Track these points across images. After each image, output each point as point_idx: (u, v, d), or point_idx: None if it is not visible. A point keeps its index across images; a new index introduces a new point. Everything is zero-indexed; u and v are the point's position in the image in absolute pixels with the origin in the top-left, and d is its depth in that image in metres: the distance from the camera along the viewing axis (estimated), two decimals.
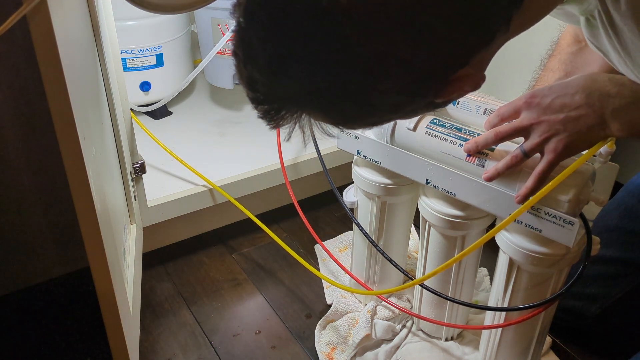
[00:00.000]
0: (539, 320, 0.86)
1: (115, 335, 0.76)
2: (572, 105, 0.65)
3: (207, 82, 1.45)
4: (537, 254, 0.78)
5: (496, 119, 0.74)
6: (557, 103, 0.66)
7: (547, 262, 0.78)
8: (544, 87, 0.69)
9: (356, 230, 1.03)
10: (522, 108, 0.70)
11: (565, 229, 0.73)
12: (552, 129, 0.67)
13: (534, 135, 0.69)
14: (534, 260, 0.78)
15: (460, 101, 0.88)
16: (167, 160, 1.21)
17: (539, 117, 0.68)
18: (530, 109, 0.69)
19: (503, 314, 0.87)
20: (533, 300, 0.82)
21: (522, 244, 0.79)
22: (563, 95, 0.66)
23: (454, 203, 0.85)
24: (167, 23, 1.33)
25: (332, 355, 1.00)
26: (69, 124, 0.59)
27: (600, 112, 0.64)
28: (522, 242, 0.79)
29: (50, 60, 0.56)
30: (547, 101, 0.67)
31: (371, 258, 1.02)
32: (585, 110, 0.65)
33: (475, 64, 0.49)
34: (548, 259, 0.77)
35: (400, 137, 0.87)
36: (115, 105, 0.94)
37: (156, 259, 1.21)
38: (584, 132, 0.65)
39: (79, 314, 1.08)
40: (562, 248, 0.76)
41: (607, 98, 0.64)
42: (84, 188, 0.63)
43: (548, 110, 0.67)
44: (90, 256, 0.68)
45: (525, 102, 0.69)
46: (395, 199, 0.95)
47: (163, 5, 0.84)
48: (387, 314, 1.02)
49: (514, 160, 0.71)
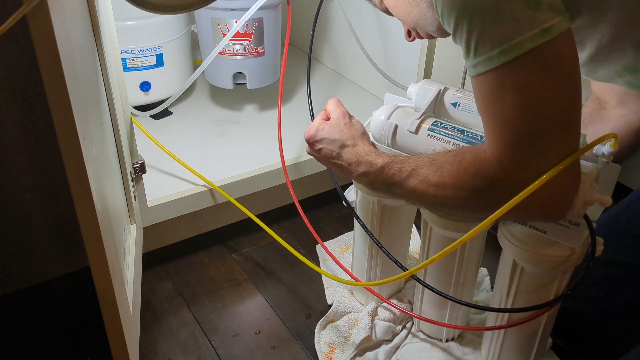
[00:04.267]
0: (542, 321, 0.86)
1: (115, 335, 0.76)
2: (332, 159, 0.87)
3: (207, 82, 1.45)
4: (541, 255, 0.77)
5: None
6: (324, 153, 0.87)
7: (552, 263, 0.77)
8: (323, 135, 0.87)
9: (357, 230, 1.03)
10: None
11: (570, 230, 0.73)
12: (321, 161, 0.90)
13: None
14: (539, 261, 0.78)
15: (461, 103, 0.88)
16: (167, 160, 1.21)
17: (311, 153, 0.90)
18: (311, 147, 0.90)
19: (506, 316, 0.87)
20: (536, 301, 0.81)
21: (526, 245, 0.78)
22: (328, 150, 0.87)
23: None
24: (167, 23, 1.33)
25: (332, 355, 1.00)
26: (69, 124, 0.59)
27: (349, 171, 0.85)
28: (526, 244, 0.78)
29: (50, 60, 0.56)
30: (318, 147, 0.88)
31: (372, 258, 1.02)
32: (340, 166, 0.86)
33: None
34: (553, 260, 0.77)
35: (402, 140, 0.87)
36: (115, 105, 0.94)
37: (156, 259, 1.21)
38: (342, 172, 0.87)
39: (79, 314, 1.08)
40: (566, 249, 0.76)
41: (353, 165, 0.83)
42: (84, 188, 0.63)
43: (319, 153, 0.89)
44: (90, 256, 0.68)
45: (308, 138, 0.89)
46: (395, 201, 0.95)
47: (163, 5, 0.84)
48: (387, 316, 1.02)
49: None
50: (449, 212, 0.81)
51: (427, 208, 0.83)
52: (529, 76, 0.60)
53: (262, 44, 1.32)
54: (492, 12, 0.59)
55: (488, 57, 0.61)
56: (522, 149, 0.63)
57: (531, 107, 0.61)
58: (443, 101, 0.90)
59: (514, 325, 0.84)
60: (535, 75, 0.60)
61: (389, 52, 1.46)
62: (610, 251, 0.78)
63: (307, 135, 0.89)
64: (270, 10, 1.30)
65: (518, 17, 0.58)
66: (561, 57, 0.60)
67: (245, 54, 1.32)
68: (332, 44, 1.67)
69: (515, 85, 0.61)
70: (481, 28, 0.60)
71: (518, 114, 0.62)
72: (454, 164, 0.70)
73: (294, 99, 1.52)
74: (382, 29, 1.46)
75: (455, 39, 0.65)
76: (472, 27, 0.61)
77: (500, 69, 0.60)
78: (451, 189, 0.70)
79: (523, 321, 0.82)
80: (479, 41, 0.61)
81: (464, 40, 0.63)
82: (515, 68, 0.60)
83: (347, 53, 1.34)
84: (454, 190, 0.70)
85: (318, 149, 0.88)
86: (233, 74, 1.35)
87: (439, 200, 0.73)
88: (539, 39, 0.58)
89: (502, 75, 0.61)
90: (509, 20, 0.59)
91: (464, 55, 0.64)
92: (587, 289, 0.97)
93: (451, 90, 0.91)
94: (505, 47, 0.59)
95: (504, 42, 0.59)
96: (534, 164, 0.63)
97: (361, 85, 1.60)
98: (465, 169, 0.68)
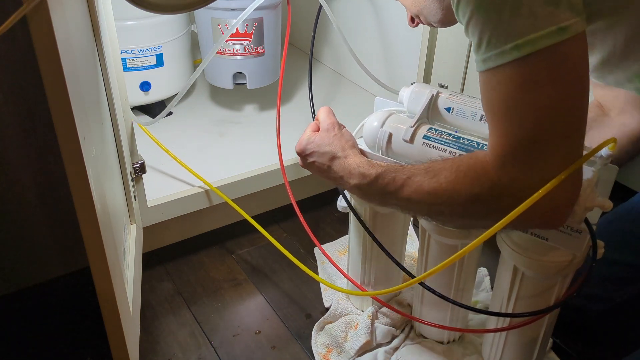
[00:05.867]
0: (543, 323, 0.85)
1: (115, 335, 0.76)
2: (324, 171, 0.88)
3: (207, 82, 1.45)
4: (542, 261, 0.77)
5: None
6: (316, 166, 0.88)
7: (554, 269, 0.77)
8: (314, 148, 0.87)
9: (351, 232, 1.02)
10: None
11: (572, 237, 0.73)
12: (314, 173, 0.91)
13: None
14: (540, 267, 0.77)
15: (456, 107, 0.87)
16: (168, 160, 1.21)
17: (304, 166, 0.91)
18: (303, 160, 0.90)
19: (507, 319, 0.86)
20: (537, 305, 0.81)
21: (527, 252, 0.78)
22: (320, 164, 0.87)
23: None
24: (167, 23, 1.33)
25: (329, 357, 0.99)
26: (69, 124, 0.59)
27: (340, 183, 0.86)
28: (527, 250, 0.78)
29: (50, 60, 0.56)
30: (310, 160, 0.88)
31: (366, 260, 1.02)
32: (333, 178, 0.87)
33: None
34: (554, 265, 0.77)
35: (397, 148, 0.86)
36: (115, 105, 0.94)
37: (156, 259, 1.21)
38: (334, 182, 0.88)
39: (79, 314, 1.08)
40: (568, 254, 0.76)
41: (345, 179, 0.84)
42: (84, 188, 0.63)
43: (310, 167, 0.90)
44: (90, 256, 0.68)
45: (299, 151, 0.90)
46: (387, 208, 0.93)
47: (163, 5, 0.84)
48: (387, 320, 1.02)
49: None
50: (445, 221, 0.81)
51: (423, 217, 0.82)
52: (540, 75, 0.59)
53: (262, 44, 1.33)
54: (510, 6, 0.57)
55: (500, 52, 0.59)
56: (527, 151, 0.62)
57: (539, 108, 0.60)
58: (437, 106, 0.89)
59: (516, 328, 0.84)
60: (545, 75, 0.58)
61: (388, 53, 1.46)
62: (612, 250, 0.78)
63: (297, 148, 0.88)
64: (270, 10, 1.30)
65: (536, 13, 0.57)
66: (574, 58, 0.59)
67: (245, 54, 1.32)
68: (332, 44, 1.67)
69: (525, 82, 0.59)
70: (497, 21, 0.59)
71: (525, 113, 0.60)
72: (451, 170, 0.69)
73: (294, 99, 1.52)
74: (381, 30, 1.46)
75: (468, 30, 0.63)
76: (488, 19, 0.59)
77: (511, 65, 0.59)
78: (449, 195, 0.68)
79: (525, 323, 0.82)
80: (492, 34, 0.59)
81: (477, 32, 0.61)
82: (527, 65, 0.58)
83: (347, 53, 1.35)
84: (452, 197, 0.68)
85: (310, 162, 0.88)
86: (233, 74, 1.35)
87: (435, 208, 0.72)
88: (555, 38, 0.57)
89: (513, 71, 0.59)
90: (526, 16, 0.57)
91: (474, 49, 0.63)
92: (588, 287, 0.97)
93: (444, 95, 0.89)
94: (519, 42, 0.57)
95: (519, 37, 0.57)
96: (538, 168, 0.62)
97: (361, 85, 1.60)
98: (465, 175, 0.67)
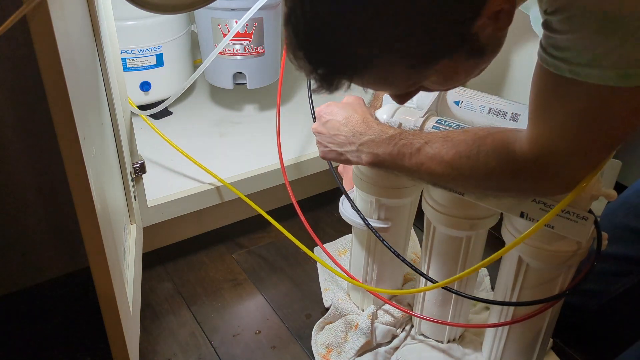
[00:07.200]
0: (545, 319, 0.86)
1: (115, 335, 0.76)
2: (338, 130, 0.85)
3: (207, 82, 1.45)
4: (548, 251, 0.77)
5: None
6: (331, 124, 0.86)
7: (559, 258, 0.77)
8: (334, 108, 0.87)
9: (354, 231, 1.02)
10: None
11: (578, 225, 0.73)
12: (324, 141, 0.87)
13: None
14: (545, 257, 0.78)
15: (464, 101, 0.88)
16: (168, 159, 1.21)
17: (317, 128, 0.88)
18: (319, 120, 0.88)
19: (510, 313, 0.87)
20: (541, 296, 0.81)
21: (533, 242, 0.78)
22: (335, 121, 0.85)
23: (459, 203, 0.84)
24: (167, 23, 1.33)
25: (328, 357, 0.99)
26: (69, 124, 0.59)
27: (352, 141, 0.82)
28: (532, 239, 0.78)
29: (50, 60, 0.56)
30: (327, 118, 0.86)
31: (368, 259, 1.02)
32: (345, 136, 0.84)
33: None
34: (560, 255, 0.77)
35: None
36: (115, 105, 0.94)
37: (156, 259, 1.21)
38: (342, 152, 0.85)
39: (79, 314, 1.08)
40: (573, 244, 0.76)
41: (357, 135, 0.82)
42: (84, 188, 0.63)
43: (324, 126, 0.87)
44: (90, 256, 0.68)
45: (318, 112, 0.89)
46: (395, 202, 0.94)
47: (163, 5, 0.84)
48: (388, 319, 1.02)
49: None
50: (453, 189, 0.81)
51: (430, 184, 0.81)
52: (622, 104, 0.57)
53: (262, 44, 1.33)
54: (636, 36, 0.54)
55: (601, 72, 0.55)
56: (569, 156, 0.62)
57: (612, 135, 0.60)
58: (445, 99, 0.90)
59: (519, 322, 0.84)
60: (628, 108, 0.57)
61: None
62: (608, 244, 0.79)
63: (318, 108, 0.89)
64: (270, 10, 1.30)
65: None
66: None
67: (245, 54, 1.32)
68: None
69: (603, 104, 0.57)
70: (619, 44, 0.54)
71: (597, 134, 0.60)
72: (473, 145, 0.69)
73: (294, 99, 1.52)
74: None
75: (568, 34, 0.57)
76: (611, 40, 0.54)
77: (606, 88, 0.56)
78: (466, 169, 0.69)
79: (528, 316, 0.82)
80: (606, 53, 0.55)
81: (586, 43, 0.56)
82: (622, 93, 0.56)
83: None
84: (469, 171, 0.69)
85: (325, 120, 0.87)
86: (233, 74, 1.35)
87: (447, 178, 0.72)
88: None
89: (604, 93, 0.57)
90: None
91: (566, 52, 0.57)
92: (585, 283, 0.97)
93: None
94: (630, 72, 0.55)
95: (632, 67, 0.54)
96: (570, 167, 0.63)
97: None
98: (487, 154, 0.67)
